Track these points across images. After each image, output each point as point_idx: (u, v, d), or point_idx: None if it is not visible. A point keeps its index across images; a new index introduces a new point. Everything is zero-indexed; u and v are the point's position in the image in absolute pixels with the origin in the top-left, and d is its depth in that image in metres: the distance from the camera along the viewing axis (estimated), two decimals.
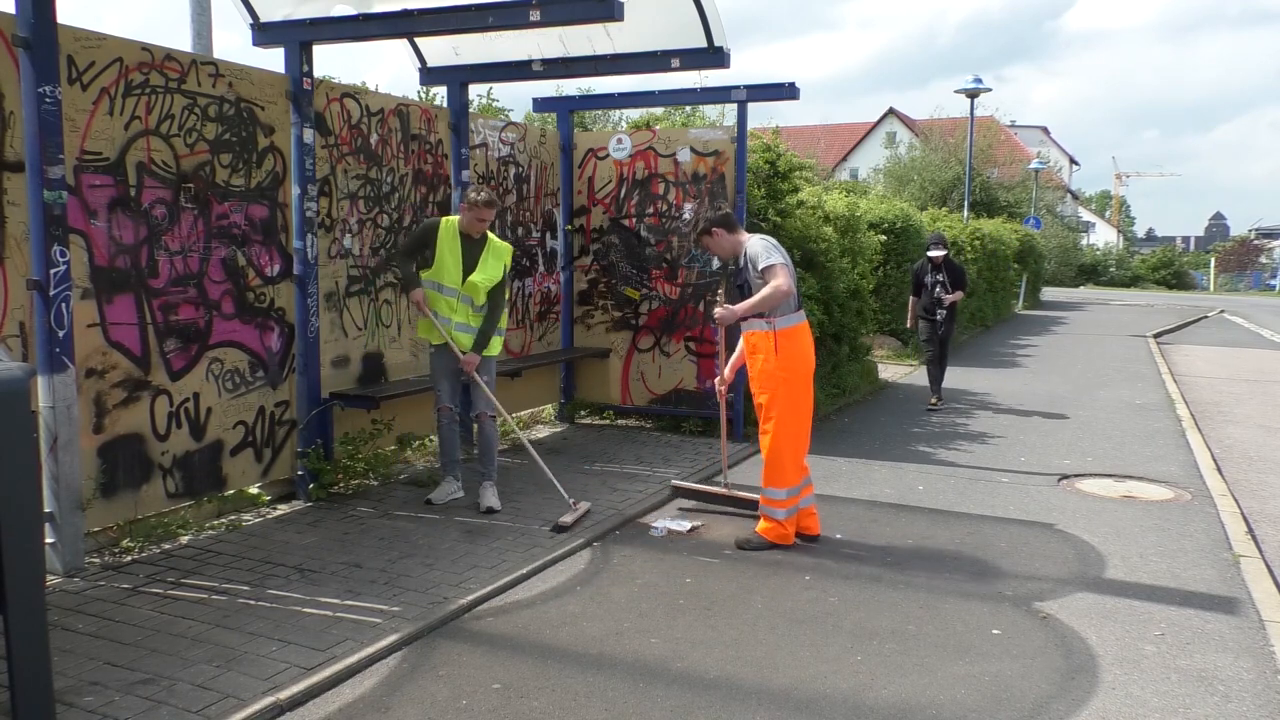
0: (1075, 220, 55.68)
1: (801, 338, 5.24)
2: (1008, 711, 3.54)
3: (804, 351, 5.24)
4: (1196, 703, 3.65)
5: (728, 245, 5.39)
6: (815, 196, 9.88)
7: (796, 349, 5.19)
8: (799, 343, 5.22)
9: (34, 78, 4.29)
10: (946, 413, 9.92)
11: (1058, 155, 61.00)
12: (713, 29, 6.74)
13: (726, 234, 5.39)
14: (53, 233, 4.39)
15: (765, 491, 5.32)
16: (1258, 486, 7.20)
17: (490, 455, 5.94)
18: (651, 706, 3.52)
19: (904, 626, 4.30)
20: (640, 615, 4.37)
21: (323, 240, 6.15)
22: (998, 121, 38.03)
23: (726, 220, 5.43)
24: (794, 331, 5.19)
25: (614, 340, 8.64)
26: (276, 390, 5.89)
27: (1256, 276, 58.56)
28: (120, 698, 3.42)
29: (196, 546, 5.08)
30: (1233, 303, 35.39)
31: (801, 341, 5.24)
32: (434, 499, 5.96)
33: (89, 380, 4.81)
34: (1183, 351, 17.06)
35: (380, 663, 3.82)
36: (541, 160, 8.38)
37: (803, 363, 5.23)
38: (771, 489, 5.29)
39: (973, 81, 23.28)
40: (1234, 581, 4.96)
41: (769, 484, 5.30)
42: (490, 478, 5.94)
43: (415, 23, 5.62)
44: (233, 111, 5.51)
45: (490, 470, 5.95)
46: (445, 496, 5.97)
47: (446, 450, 6.04)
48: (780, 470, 5.24)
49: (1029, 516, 6.10)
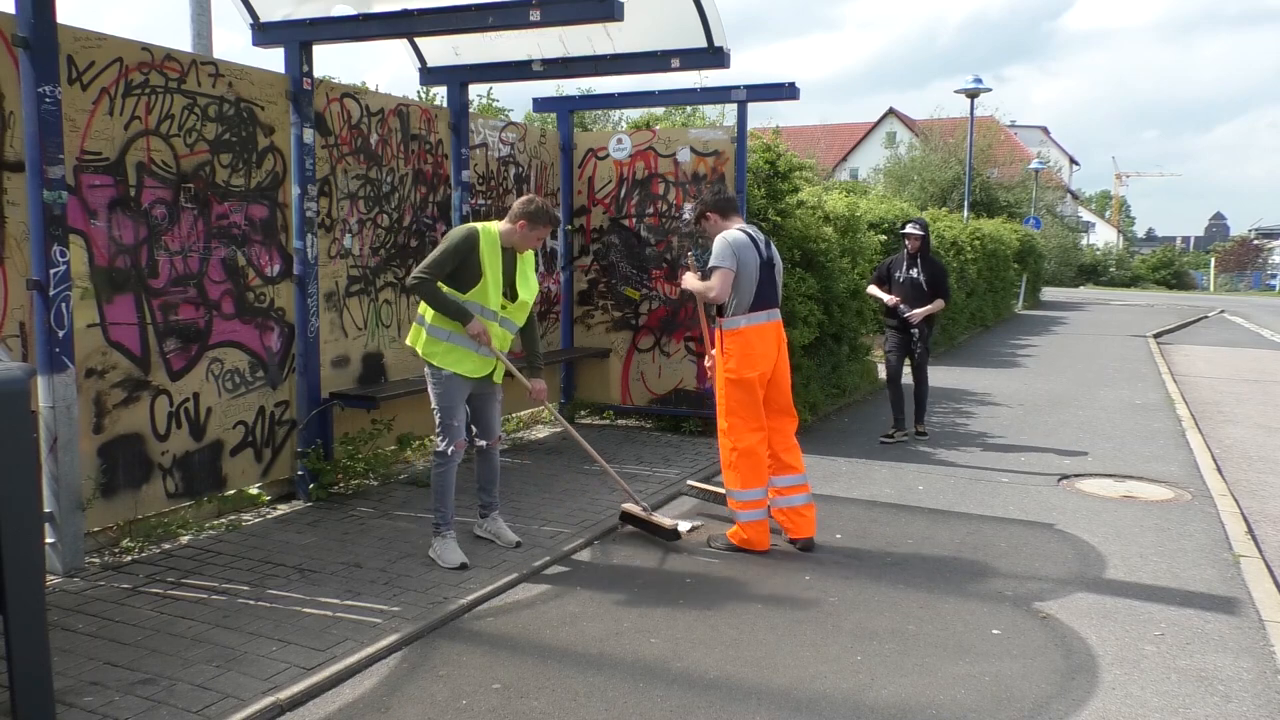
0: (1075, 220, 55.67)
1: (753, 339, 5.17)
2: (1008, 711, 3.54)
3: (754, 353, 5.17)
4: (1196, 703, 3.65)
5: (715, 232, 5.37)
6: (815, 196, 9.87)
7: (744, 350, 5.15)
8: (748, 344, 5.16)
9: (34, 78, 4.29)
10: (946, 412, 9.90)
11: (1058, 155, 61.00)
12: (713, 29, 6.74)
13: (719, 219, 5.39)
14: (53, 233, 4.39)
15: (727, 493, 5.35)
16: (1258, 486, 7.20)
17: (497, 484, 5.28)
18: (651, 706, 3.52)
19: (904, 626, 4.30)
20: (640, 615, 4.37)
21: (323, 240, 6.15)
22: (998, 122, 38.03)
23: (721, 205, 5.40)
24: (743, 332, 5.17)
25: (614, 340, 8.63)
26: (276, 390, 5.88)
27: (1256, 276, 58.56)
28: (120, 698, 3.42)
29: (196, 546, 5.08)
30: (1233, 303, 35.38)
31: (752, 343, 5.17)
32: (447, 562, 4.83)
33: (89, 380, 4.81)
34: (1183, 351, 17.06)
35: (380, 663, 3.82)
36: (541, 160, 8.38)
37: (749, 364, 5.15)
38: (730, 490, 5.29)
39: (972, 81, 23.29)
40: (1234, 581, 4.96)
41: (726, 485, 5.32)
42: (498, 507, 5.31)
43: (415, 23, 5.61)
44: (233, 111, 5.51)
45: (498, 500, 5.31)
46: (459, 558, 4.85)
47: (450, 497, 4.93)
48: (732, 469, 5.23)
49: (1029, 516, 6.10)
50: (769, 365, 5.24)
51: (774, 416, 5.35)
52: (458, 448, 4.91)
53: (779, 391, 5.35)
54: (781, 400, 5.37)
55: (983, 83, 23.32)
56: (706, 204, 5.44)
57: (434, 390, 4.90)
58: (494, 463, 5.20)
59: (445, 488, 4.91)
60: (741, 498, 5.23)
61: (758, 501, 5.25)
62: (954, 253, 16.75)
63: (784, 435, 5.40)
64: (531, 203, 4.86)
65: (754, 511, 5.24)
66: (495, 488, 5.25)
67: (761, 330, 5.21)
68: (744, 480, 5.21)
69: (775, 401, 5.35)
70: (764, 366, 5.21)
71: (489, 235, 4.83)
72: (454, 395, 4.88)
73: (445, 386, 4.86)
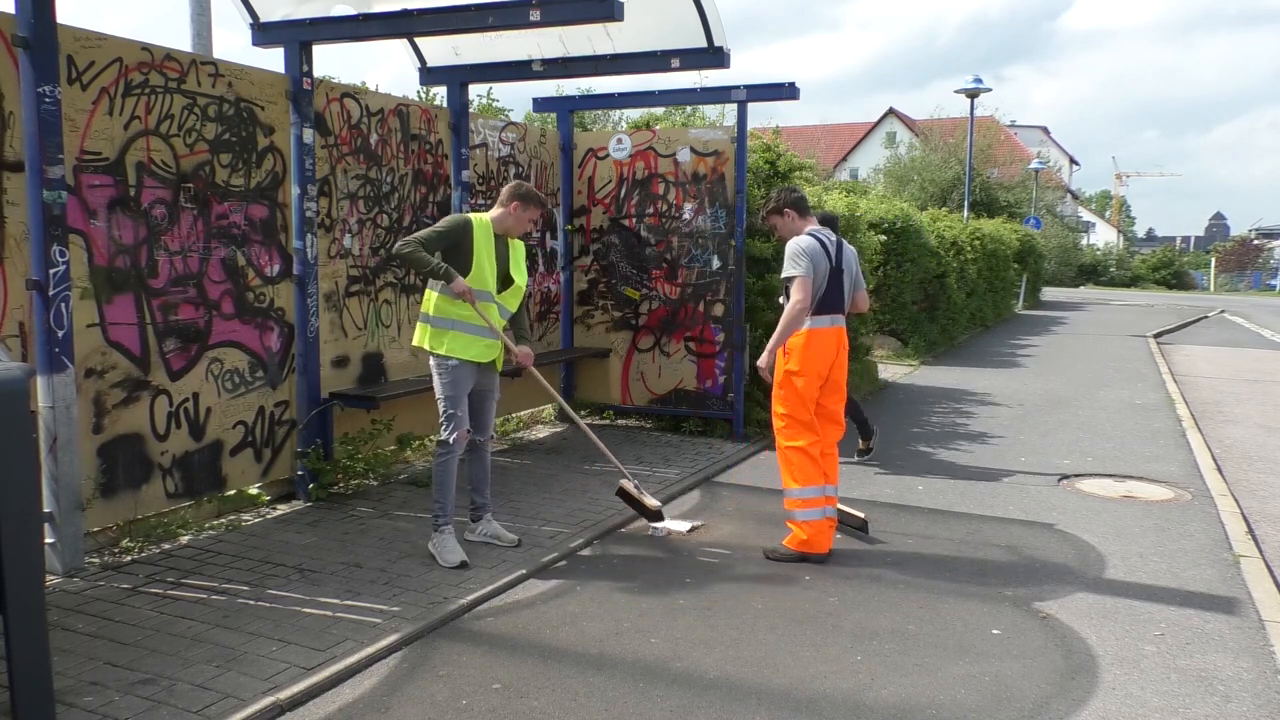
0: (1075, 220, 55.69)
1: (814, 342, 5.12)
2: (1008, 711, 3.54)
3: (813, 355, 5.12)
4: (1196, 703, 3.65)
5: (791, 230, 5.27)
6: (815, 197, 9.87)
7: (804, 351, 5.10)
8: (808, 346, 5.11)
9: (34, 78, 4.29)
10: (947, 413, 9.91)
11: (1058, 155, 61.00)
12: (713, 29, 6.74)
13: (797, 218, 5.29)
14: (52, 233, 4.39)
15: (783, 492, 5.26)
16: (1258, 486, 7.20)
17: (489, 485, 5.30)
18: (651, 706, 3.52)
19: (904, 626, 4.30)
20: (640, 615, 4.37)
21: (323, 240, 6.15)
22: (997, 121, 38.05)
23: (799, 203, 5.29)
24: (805, 334, 5.10)
25: (614, 340, 8.64)
26: (276, 390, 5.88)
27: (1256, 276, 58.56)
28: (120, 698, 3.42)
29: (196, 546, 5.08)
30: (1233, 303, 35.39)
31: (813, 345, 5.11)
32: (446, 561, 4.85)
33: (88, 380, 4.81)
34: (1183, 351, 17.06)
35: (380, 663, 3.82)
36: (541, 160, 8.38)
37: (808, 365, 5.12)
38: (786, 489, 5.21)
39: (972, 81, 23.31)
40: (1234, 581, 4.96)
41: (782, 484, 5.24)
42: (490, 509, 5.30)
43: (415, 23, 5.61)
44: (232, 111, 5.51)
45: (490, 502, 5.31)
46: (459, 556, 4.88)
47: (452, 490, 4.97)
48: (787, 466, 5.19)
49: (1029, 516, 6.10)
50: (826, 368, 5.20)
51: (822, 422, 5.27)
52: (461, 436, 4.94)
53: (832, 397, 5.30)
54: (833, 406, 5.32)
55: (983, 83, 23.35)
56: (785, 201, 5.30)
57: (440, 380, 4.95)
58: (486, 461, 5.24)
59: (447, 479, 4.95)
60: (798, 495, 5.14)
61: (814, 500, 5.13)
62: (954, 253, 16.76)
63: (827, 443, 5.34)
64: (521, 185, 5.04)
65: (811, 510, 5.12)
66: (487, 488, 5.28)
67: (824, 334, 5.15)
68: (799, 477, 5.13)
69: (825, 407, 5.28)
70: (822, 369, 5.18)
71: (482, 224, 4.95)
72: (460, 384, 4.94)
73: (452, 375, 4.91)
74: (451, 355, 4.90)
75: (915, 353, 14.35)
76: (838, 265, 5.20)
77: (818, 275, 5.09)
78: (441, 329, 4.90)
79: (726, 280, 8.06)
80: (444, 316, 4.89)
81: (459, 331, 4.89)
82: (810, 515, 5.12)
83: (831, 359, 5.20)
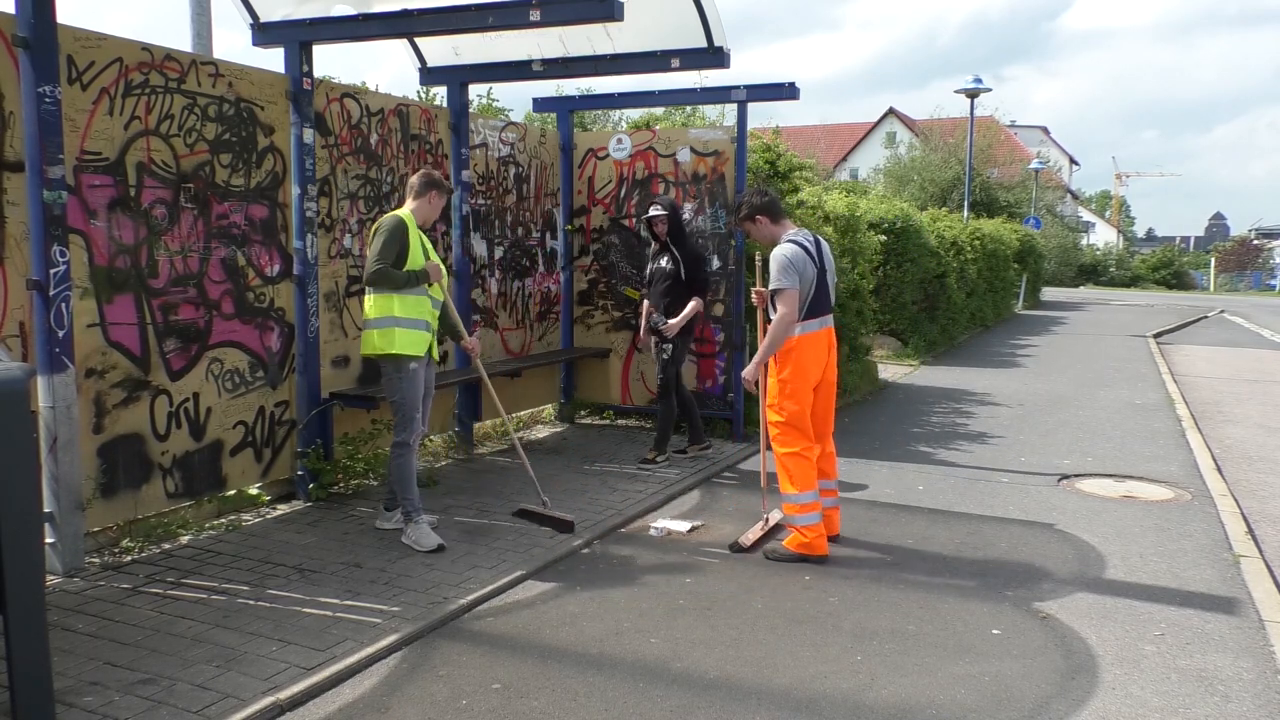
0: (1075, 220, 55.69)
1: (806, 347, 5.11)
2: (1008, 711, 3.54)
3: (806, 360, 5.12)
4: (1196, 703, 3.65)
5: (768, 235, 5.27)
6: (815, 196, 9.87)
7: (797, 358, 5.10)
8: (800, 352, 5.10)
9: (34, 78, 4.29)
10: (947, 413, 9.90)
11: (1058, 155, 61.01)
12: (713, 29, 6.74)
13: (770, 223, 5.28)
14: (52, 233, 4.39)
15: (782, 497, 5.25)
16: (1258, 486, 7.20)
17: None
18: (651, 706, 3.52)
19: (904, 626, 4.30)
20: (640, 615, 4.37)
21: (323, 240, 6.15)
22: (997, 121, 38.05)
23: (772, 208, 5.28)
24: (796, 341, 5.09)
25: (614, 340, 8.64)
26: (276, 390, 5.88)
27: (1256, 276, 58.56)
28: (120, 698, 3.42)
29: (196, 546, 5.08)
30: (1233, 303, 35.38)
31: (805, 351, 5.11)
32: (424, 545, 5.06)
33: (89, 380, 4.81)
34: (1183, 351, 17.06)
35: (380, 663, 3.82)
36: (541, 160, 8.38)
37: (800, 373, 5.12)
38: (785, 494, 5.20)
39: (972, 81, 23.30)
40: (1234, 581, 4.96)
41: (780, 489, 5.23)
42: None
43: (415, 23, 5.62)
44: (232, 111, 5.51)
45: None
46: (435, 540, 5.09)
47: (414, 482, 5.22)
48: (784, 472, 5.19)
49: (1029, 516, 6.10)
50: (820, 370, 5.20)
51: (816, 422, 5.27)
52: (418, 436, 5.23)
53: (824, 403, 5.30)
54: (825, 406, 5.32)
55: (982, 83, 23.35)
56: (755, 206, 5.28)
57: (398, 386, 5.15)
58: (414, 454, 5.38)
59: (409, 475, 5.18)
60: (796, 500, 5.14)
61: (813, 504, 5.14)
62: (954, 253, 16.76)
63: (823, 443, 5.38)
64: (432, 173, 5.28)
65: (810, 515, 5.13)
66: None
67: (814, 338, 5.15)
68: (797, 482, 5.12)
69: (819, 407, 5.29)
70: (815, 372, 5.18)
71: (409, 219, 5.16)
72: (416, 388, 5.18)
73: (411, 379, 5.14)
74: (406, 353, 5.07)
75: (915, 353, 14.34)
76: (821, 266, 5.19)
77: (804, 285, 5.08)
78: (387, 328, 5.06)
79: (726, 280, 8.06)
80: (403, 315, 5.06)
81: (403, 328, 5.07)
82: (810, 520, 5.13)
83: (824, 360, 5.22)
